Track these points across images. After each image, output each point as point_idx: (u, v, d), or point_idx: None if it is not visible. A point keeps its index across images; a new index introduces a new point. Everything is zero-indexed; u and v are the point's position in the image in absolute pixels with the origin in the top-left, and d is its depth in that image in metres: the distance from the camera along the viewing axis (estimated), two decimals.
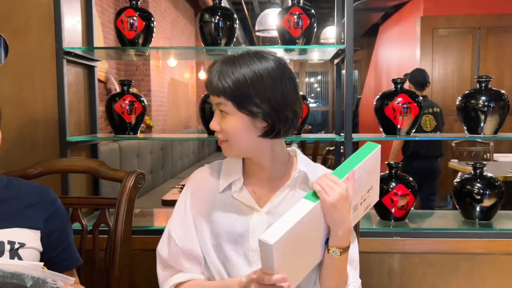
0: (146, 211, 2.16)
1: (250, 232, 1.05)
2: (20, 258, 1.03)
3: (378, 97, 1.77)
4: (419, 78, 3.56)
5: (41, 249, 1.10)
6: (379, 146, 1.07)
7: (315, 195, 0.94)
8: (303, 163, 1.11)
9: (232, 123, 1.01)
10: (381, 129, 1.78)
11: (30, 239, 1.07)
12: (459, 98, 1.76)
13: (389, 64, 6.51)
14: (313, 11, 1.76)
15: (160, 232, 1.66)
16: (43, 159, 1.46)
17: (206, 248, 1.08)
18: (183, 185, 3.15)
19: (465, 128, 1.76)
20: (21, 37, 1.64)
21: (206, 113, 1.80)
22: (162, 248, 1.11)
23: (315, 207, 0.92)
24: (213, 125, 1.04)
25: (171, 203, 2.74)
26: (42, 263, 0.91)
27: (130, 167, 3.76)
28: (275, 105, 0.99)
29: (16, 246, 1.03)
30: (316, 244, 0.98)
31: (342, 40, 1.72)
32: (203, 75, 8.37)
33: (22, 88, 1.65)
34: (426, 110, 3.49)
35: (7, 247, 1.02)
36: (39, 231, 1.10)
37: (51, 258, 1.12)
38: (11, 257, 1.02)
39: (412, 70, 3.66)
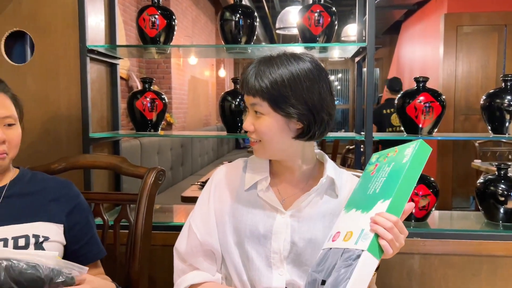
0: (166, 207, 2.18)
1: (273, 233, 1.04)
2: None
3: (400, 95, 1.74)
4: (395, 85, 4.56)
5: (64, 242, 1.13)
6: (431, 150, 0.93)
7: (378, 249, 0.83)
8: (331, 168, 1.09)
9: (267, 124, 1.00)
10: (402, 128, 1.76)
11: (54, 232, 1.10)
12: (484, 97, 1.72)
13: (411, 62, 6.40)
14: (334, 8, 1.75)
15: (179, 228, 1.68)
16: (66, 154, 1.50)
17: (227, 245, 1.08)
18: (203, 182, 3.19)
19: (489, 128, 1.73)
20: (46, 35, 1.68)
21: (226, 111, 1.81)
22: (181, 243, 1.11)
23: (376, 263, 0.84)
24: (247, 125, 1.03)
25: (191, 200, 2.76)
26: (57, 253, 0.93)
27: (151, 164, 3.81)
28: (311, 107, 0.98)
29: (41, 239, 1.06)
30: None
31: (364, 38, 1.71)
32: (223, 73, 8.40)
33: (47, 85, 1.69)
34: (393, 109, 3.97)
35: (32, 240, 1.05)
36: (62, 225, 1.13)
37: (75, 250, 1.15)
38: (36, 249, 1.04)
39: (390, 78, 4.42)
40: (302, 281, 1.04)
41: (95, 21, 1.77)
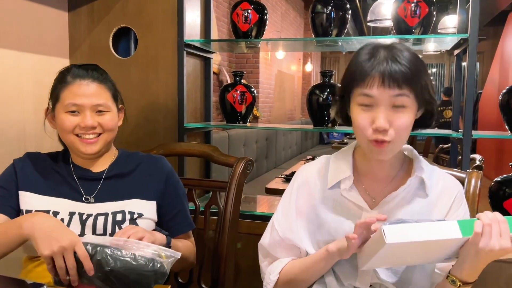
0: (250, 197, 2.25)
1: None
2: None
3: (504, 91, 1.61)
4: (449, 91, 6.09)
5: (156, 219, 1.21)
6: None
7: (471, 229, 0.83)
8: (420, 166, 1.02)
9: (410, 117, 0.91)
10: (506, 127, 1.62)
11: (147, 210, 1.18)
12: None
13: None
14: None
15: (263, 217, 1.74)
16: (163, 142, 1.61)
17: (305, 244, 1.07)
18: (286, 175, 3.22)
19: None
20: (149, 31, 1.81)
21: (313, 105, 1.81)
22: (264, 239, 1.13)
23: (459, 239, 0.84)
24: (383, 123, 0.89)
25: (275, 192, 2.81)
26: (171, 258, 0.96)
27: (238, 155, 3.92)
28: (433, 94, 0.94)
29: (135, 216, 1.15)
30: (432, 255, 0.91)
31: (465, 29, 1.59)
32: (309, 67, 8.36)
33: (148, 77, 1.83)
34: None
35: (128, 216, 1.15)
36: (155, 202, 1.21)
37: (166, 222, 1.22)
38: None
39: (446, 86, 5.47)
40: (389, 278, 1.01)
41: (192, 17, 1.87)
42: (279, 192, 1.13)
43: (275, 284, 1.07)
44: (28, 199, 1.15)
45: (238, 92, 1.88)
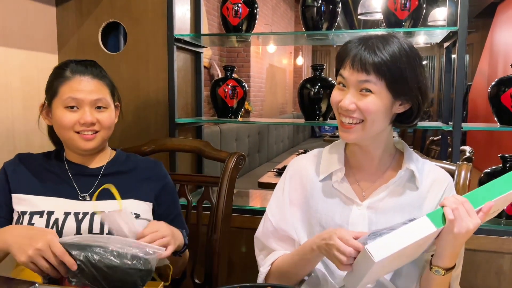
0: (243, 191, 2.25)
1: (349, 225, 1.02)
2: None
3: (494, 83, 1.62)
4: None
5: (152, 220, 1.20)
6: None
7: (441, 219, 0.86)
8: (411, 159, 1.04)
9: (376, 102, 0.93)
10: (495, 119, 1.64)
11: (144, 210, 1.18)
12: None
13: (507, 48, 5.87)
14: None
15: (256, 212, 1.74)
16: (154, 138, 1.60)
17: (299, 234, 1.08)
18: (279, 169, 3.23)
19: None
20: (138, 25, 1.79)
21: (304, 98, 1.81)
22: (258, 231, 1.14)
23: (435, 232, 0.86)
24: (347, 103, 0.95)
25: (267, 186, 2.81)
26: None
27: (230, 150, 3.93)
28: (422, 87, 0.94)
29: (132, 215, 1.14)
30: (415, 253, 0.93)
31: (455, 21, 1.60)
32: (300, 61, 8.35)
33: (138, 72, 1.81)
34: None
35: None
36: (151, 203, 1.21)
37: None
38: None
39: None
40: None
41: (182, 11, 1.85)
42: (271, 186, 1.13)
43: (266, 275, 1.08)
44: (22, 201, 1.14)
45: (229, 86, 1.87)
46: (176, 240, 1.04)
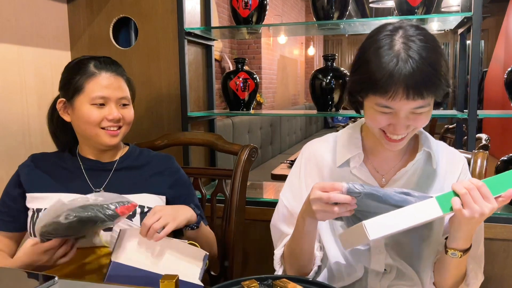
0: (256, 184, 2.25)
1: None
2: None
3: (510, 69, 1.59)
4: None
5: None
6: None
7: (450, 204, 0.82)
8: (427, 141, 1.03)
9: (428, 115, 0.91)
10: None
11: (156, 204, 1.19)
12: None
13: None
14: None
15: (269, 204, 1.74)
16: (167, 132, 1.61)
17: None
18: (292, 161, 3.22)
19: None
20: (148, 20, 1.80)
21: (316, 89, 1.79)
22: (274, 219, 1.14)
23: (441, 216, 0.83)
24: (401, 129, 0.90)
25: (280, 178, 2.81)
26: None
27: (242, 142, 3.93)
28: (449, 80, 0.91)
29: (146, 209, 1.16)
30: (419, 229, 0.92)
31: (469, 7, 1.57)
32: (312, 51, 8.29)
33: (149, 67, 1.82)
34: None
35: (138, 210, 1.15)
36: (164, 197, 1.22)
37: None
38: (141, 219, 1.14)
39: None
40: (401, 259, 1.01)
41: (191, 4, 1.85)
42: (285, 178, 1.13)
43: (280, 257, 1.09)
44: (36, 199, 1.16)
45: (241, 79, 1.87)
46: (176, 218, 1.06)
